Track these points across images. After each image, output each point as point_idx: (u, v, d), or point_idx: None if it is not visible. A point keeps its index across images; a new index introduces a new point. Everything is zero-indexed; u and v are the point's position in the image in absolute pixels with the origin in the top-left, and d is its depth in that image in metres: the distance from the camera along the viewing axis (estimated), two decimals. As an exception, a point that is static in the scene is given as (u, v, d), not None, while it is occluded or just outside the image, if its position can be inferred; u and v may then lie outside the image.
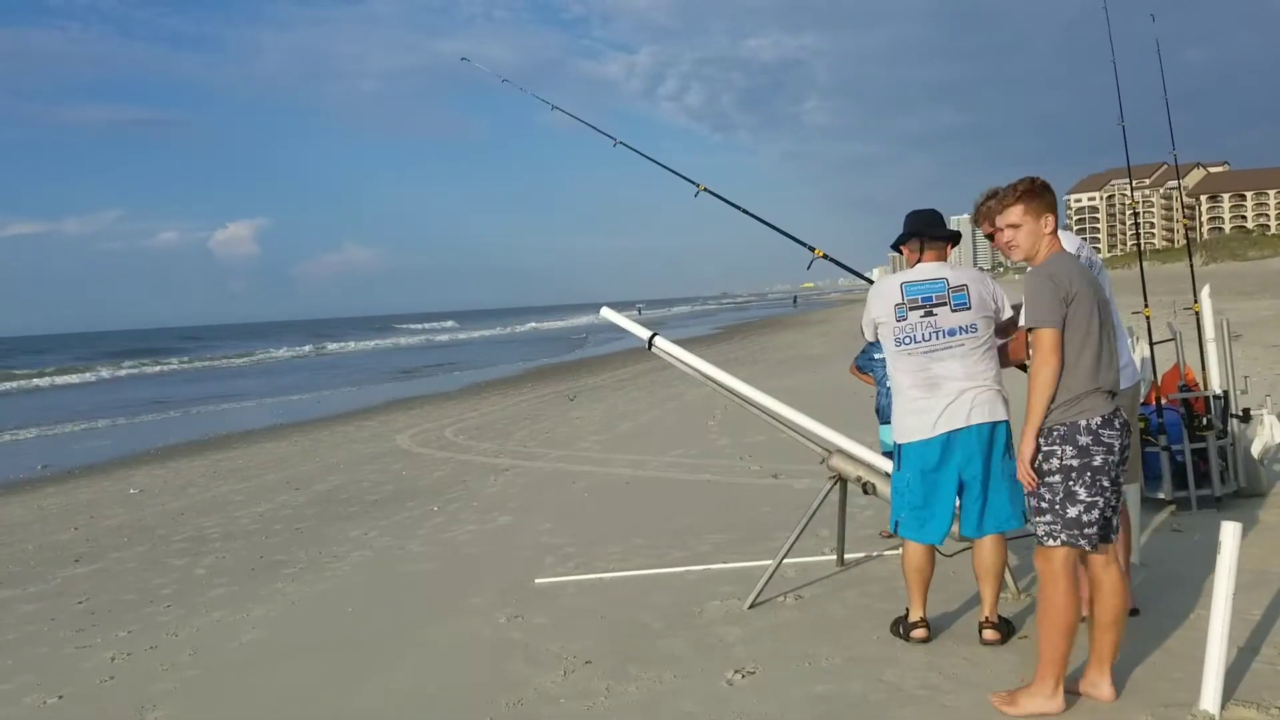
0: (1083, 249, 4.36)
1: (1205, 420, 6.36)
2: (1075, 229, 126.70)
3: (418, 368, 35.90)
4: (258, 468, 13.14)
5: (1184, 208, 30.05)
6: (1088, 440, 3.58)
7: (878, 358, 5.96)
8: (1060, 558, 3.60)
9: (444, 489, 10.09)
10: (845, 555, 5.89)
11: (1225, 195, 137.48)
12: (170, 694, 4.87)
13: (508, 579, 6.32)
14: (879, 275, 5.51)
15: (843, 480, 5.29)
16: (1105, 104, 6.48)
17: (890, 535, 5.63)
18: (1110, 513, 3.65)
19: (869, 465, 5.19)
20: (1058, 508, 3.60)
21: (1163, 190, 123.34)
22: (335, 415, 19.71)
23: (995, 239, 4.27)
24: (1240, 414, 6.55)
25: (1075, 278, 3.65)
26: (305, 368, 42.21)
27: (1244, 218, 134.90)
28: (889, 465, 4.92)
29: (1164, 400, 6.42)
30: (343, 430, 16.72)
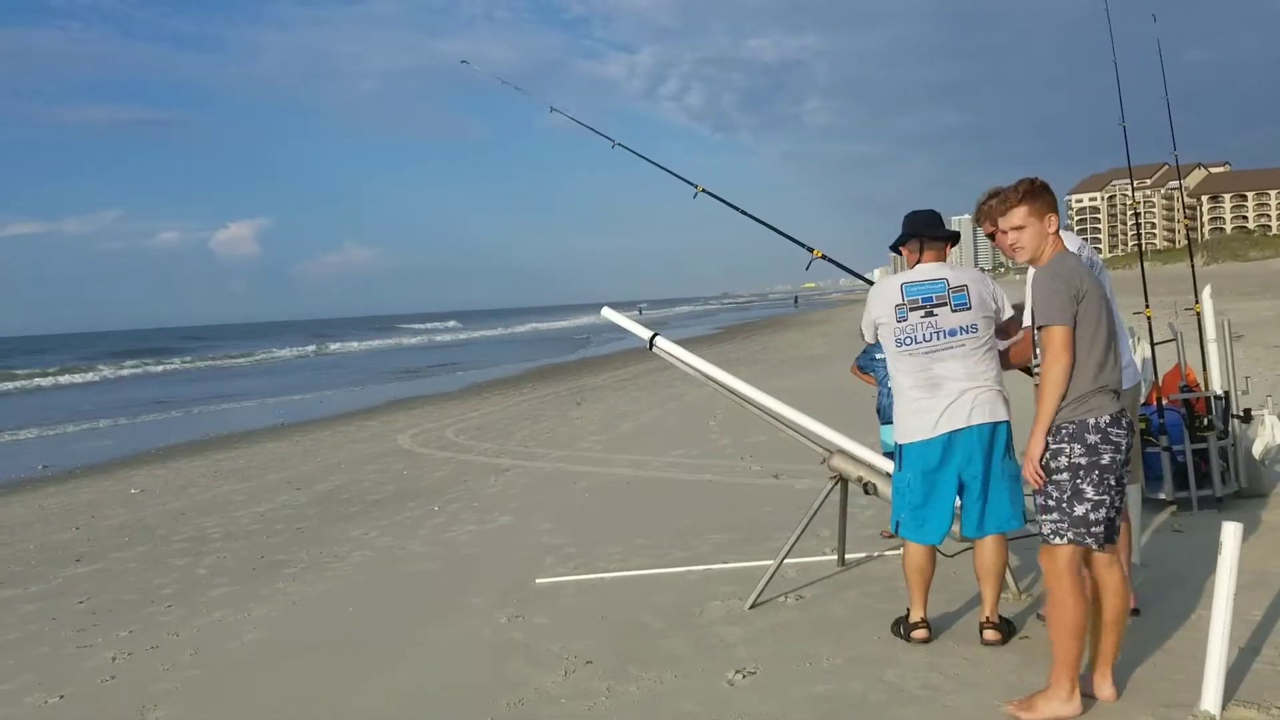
0: (1084, 249, 4.35)
1: (1206, 421, 6.36)
2: (1076, 229, 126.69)
3: (420, 368, 35.88)
4: (259, 468, 13.14)
5: (1185, 208, 30.03)
6: (1096, 439, 3.57)
7: (879, 358, 5.95)
8: (1065, 556, 3.58)
9: (445, 489, 10.09)
10: (846, 555, 5.89)
11: (1226, 195, 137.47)
12: (171, 694, 4.87)
13: (508, 579, 6.32)
14: (879, 276, 5.51)
15: (844, 480, 5.30)
16: (1106, 104, 6.47)
17: (891, 535, 5.63)
18: (1114, 513, 3.65)
19: (870, 465, 5.18)
20: (1065, 505, 3.58)
21: (1164, 190, 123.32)
22: (336, 415, 19.72)
23: (996, 238, 4.27)
24: (1241, 414, 6.55)
25: (1084, 276, 3.65)
26: (307, 368, 42.22)
27: (1245, 218, 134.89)
28: (890, 465, 4.92)
29: (1165, 401, 6.42)
30: (344, 430, 16.73)
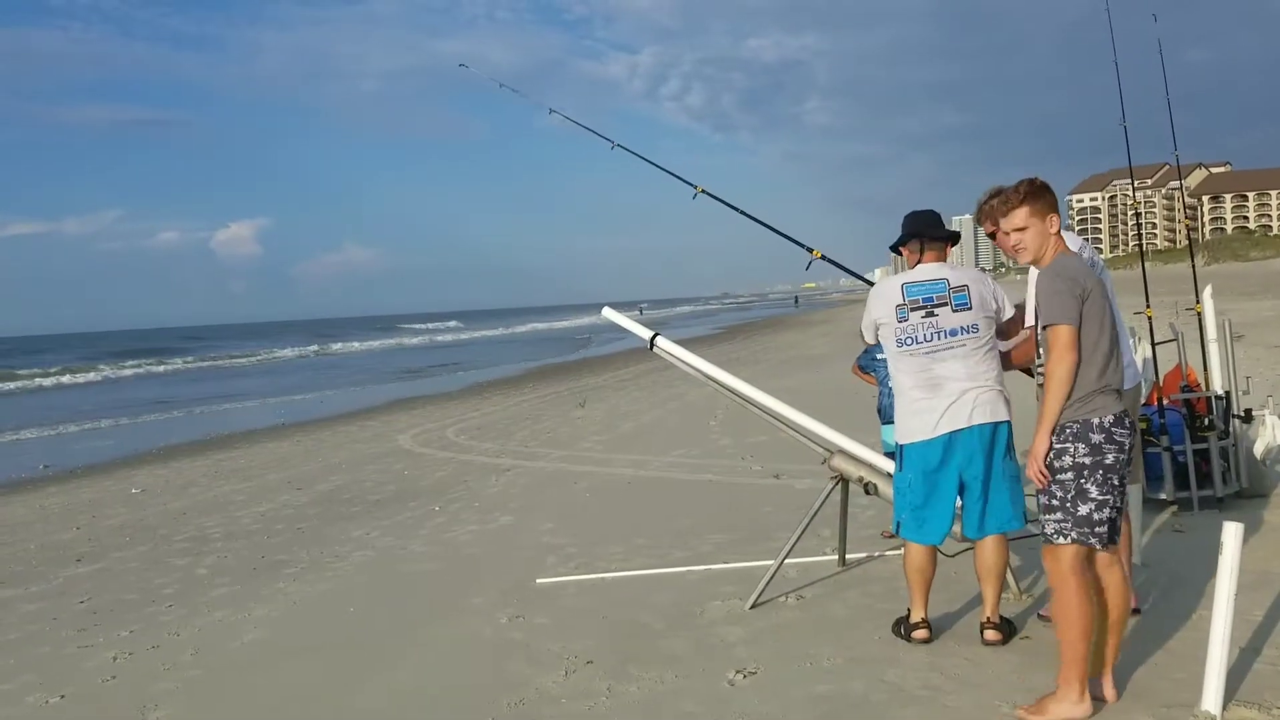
0: (1084, 249, 4.35)
1: (1207, 421, 6.36)
2: (1077, 229, 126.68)
3: (421, 368, 35.89)
4: (260, 467, 13.15)
5: (1186, 208, 29.92)
6: (1100, 438, 3.56)
7: (880, 358, 5.95)
8: (1069, 556, 3.57)
9: (446, 489, 10.09)
10: (847, 555, 5.89)
11: (1227, 196, 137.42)
12: (172, 693, 4.87)
13: (509, 579, 6.32)
14: (880, 276, 5.51)
15: (844, 480, 5.30)
16: (1106, 104, 6.47)
17: (892, 535, 5.63)
18: (1117, 514, 3.64)
19: (871, 466, 5.18)
20: (1069, 505, 3.57)
21: (1165, 191, 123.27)
22: (337, 415, 19.73)
23: (998, 239, 4.27)
24: (1242, 414, 6.55)
25: (1088, 276, 3.65)
26: (307, 368, 42.23)
27: (1246, 218, 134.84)
28: (891, 466, 4.92)
29: (1166, 401, 6.42)
30: (345, 430, 16.73)
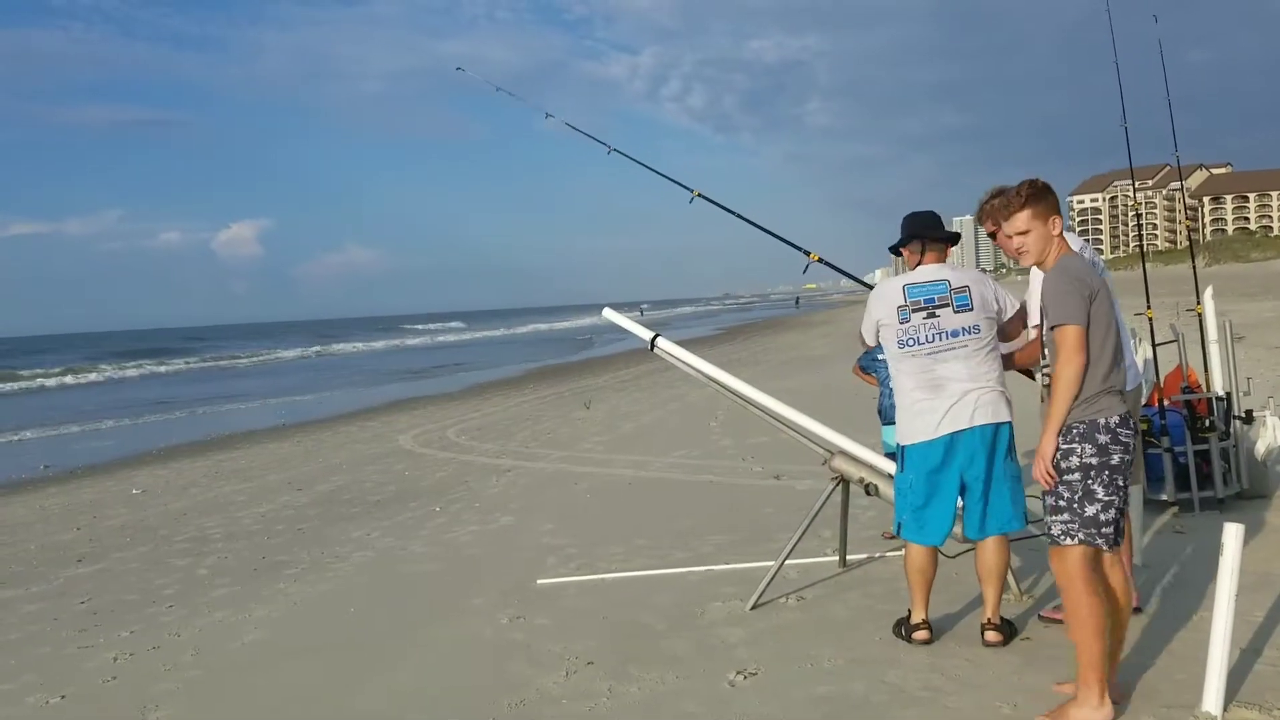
0: (1085, 249, 4.35)
1: (1208, 422, 6.36)
2: (1078, 230, 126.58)
3: (422, 368, 35.90)
4: (260, 468, 13.15)
5: (1187, 209, 29.87)
6: (1106, 439, 3.55)
7: (881, 359, 5.95)
8: (1076, 557, 3.54)
9: (446, 489, 10.09)
10: (847, 556, 5.89)
11: (1228, 197, 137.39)
12: (172, 694, 4.87)
13: (509, 580, 6.32)
14: (880, 277, 5.52)
15: (845, 481, 5.30)
16: (1107, 105, 6.47)
17: (892, 536, 5.62)
18: (1120, 515, 3.63)
19: (871, 466, 5.18)
20: (1076, 506, 3.55)
21: (1165, 191, 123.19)
22: (338, 416, 19.73)
23: (999, 239, 4.27)
24: (1243, 415, 6.55)
25: (1094, 277, 3.65)
26: (309, 368, 42.23)
27: (1247, 219, 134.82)
28: (891, 467, 4.92)
29: (1167, 402, 6.42)
30: (345, 431, 16.73)
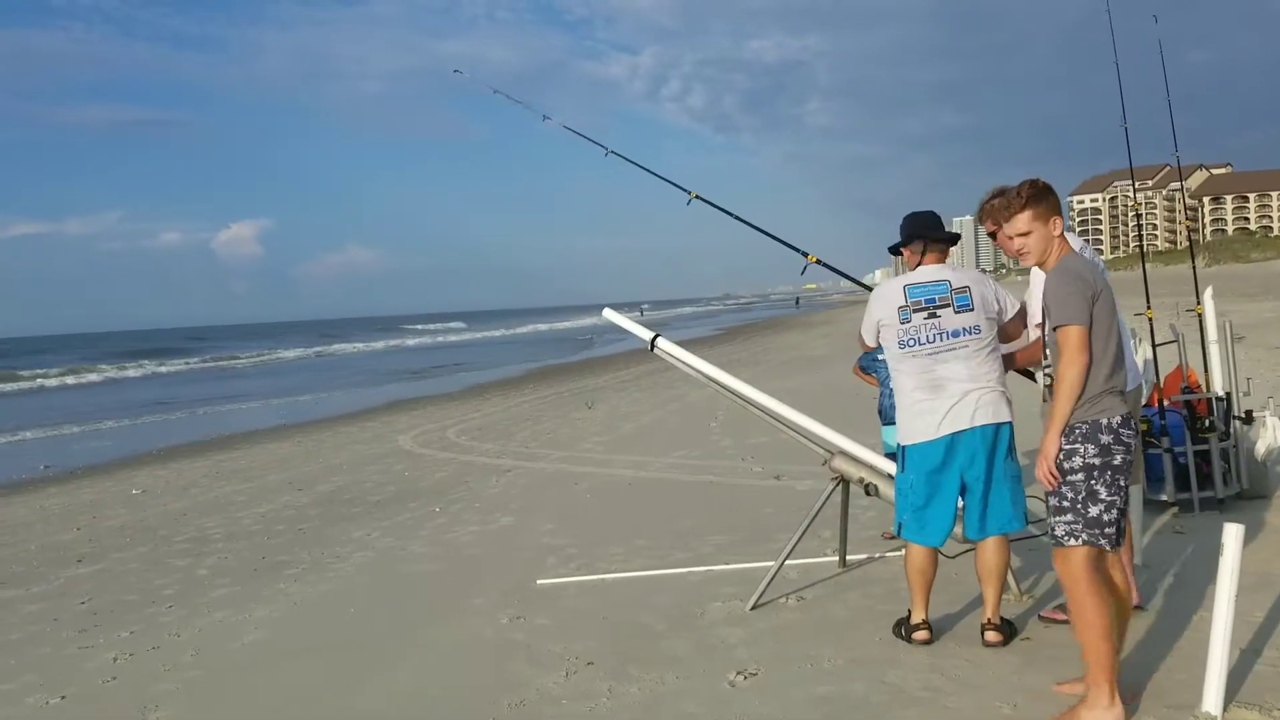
0: (1085, 250, 4.35)
1: (1208, 422, 6.36)
2: (1078, 230, 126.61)
3: (422, 368, 35.89)
4: (260, 468, 13.15)
5: (1187, 209, 29.86)
6: (1109, 439, 3.54)
7: (881, 359, 5.95)
8: (1079, 558, 3.53)
9: (446, 490, 10.09)
10: (847, 557, 5.89)
11: (1228, 197, 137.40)
12: (172, 694, 4.87)
13: (510, 580, 6.33)
14: (880, 277, 5.52)
15: (845, 482, 5.30)
16: (1107, 105, 6.47)
17: (892, 536, 5.62)
18: (1121, 515, 3.63)
19: (871, 467, 5.18)
20: (1079, 507, 3.54)
21: (1165, 192, 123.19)
22: (338, 416, 19.73)
23: (999, 240, 4.27)
24: (1243, 416, 6.55)
25: (1096, 277, 3.65)
26: (309, 368, 42.22)
27: (1247, 219, 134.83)
28: (891, 467, 4.92)
29: (1167, 402, 6.42)
30: (345, 431, 16.73)
